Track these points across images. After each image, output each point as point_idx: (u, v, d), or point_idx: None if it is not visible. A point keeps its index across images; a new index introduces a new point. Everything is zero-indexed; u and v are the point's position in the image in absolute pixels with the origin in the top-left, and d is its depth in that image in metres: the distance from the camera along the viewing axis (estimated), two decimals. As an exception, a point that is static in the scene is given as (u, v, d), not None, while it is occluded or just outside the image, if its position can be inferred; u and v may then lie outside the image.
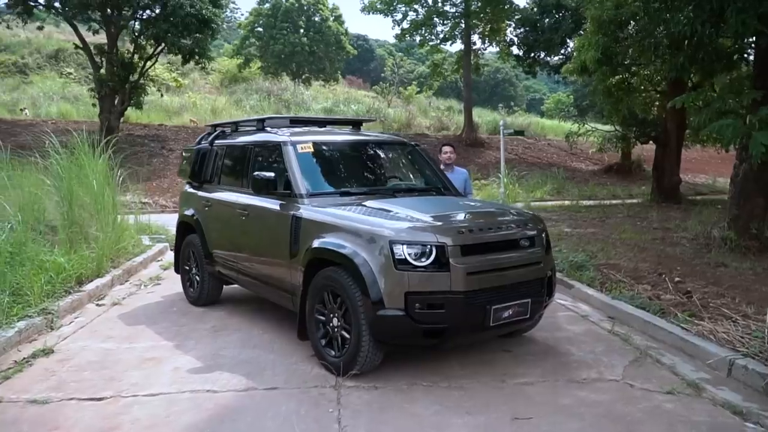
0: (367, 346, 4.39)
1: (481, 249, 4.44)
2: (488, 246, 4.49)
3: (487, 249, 4.48)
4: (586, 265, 8.22)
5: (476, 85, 55.21)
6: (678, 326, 5.55)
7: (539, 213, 14.55)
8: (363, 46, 57.33)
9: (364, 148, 6.03)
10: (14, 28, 24.60)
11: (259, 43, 41.10)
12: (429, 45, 29.83)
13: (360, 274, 4.31)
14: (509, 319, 4.52)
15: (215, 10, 22.33)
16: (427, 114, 36.68)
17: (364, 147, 6.04)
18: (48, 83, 33.78)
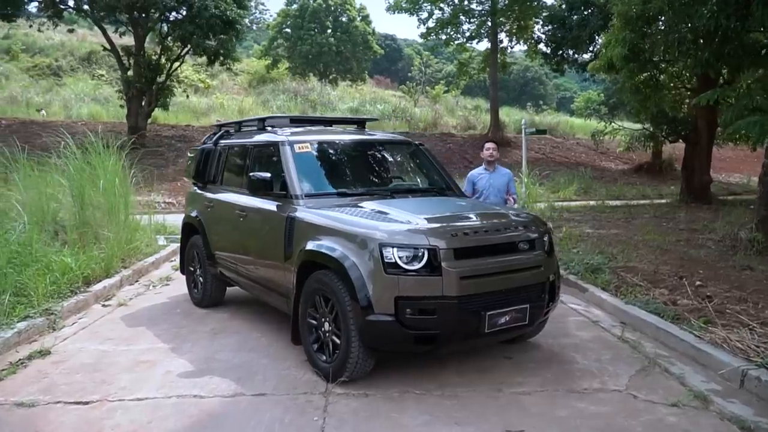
0: (356, 352, 4.26)
1: (475, 252, 4.27)
2: (483, 249, 4.31)
3: (482, 252, 4.30)
4: (603, 267, 7.95)
5: (505, 84, 54.67)
6: (691, 333, 5.28)
7: (562, 213, 14.52)
8: (391, 46, 57.18)
9: (365, 147, 5.89)
10: (45, 30, 25.00)
11: (286, 44, 41.29)
12: (455, 44, 29.52)
13: (349, 277, 4.18)
14: (506, 326, 4.34)
15: (240, 11, 22.45)
16: (454, 113, 36.39)
17: (365, 147, 5.89)
18: (80, 85, 34.46)
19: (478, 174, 7.13)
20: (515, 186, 7.32)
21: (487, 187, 6.93)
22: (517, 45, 30.10)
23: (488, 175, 7.06)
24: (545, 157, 28.21)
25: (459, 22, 28.50)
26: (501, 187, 6.98)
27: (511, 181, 7.15)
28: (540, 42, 28.00)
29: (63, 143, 9.30)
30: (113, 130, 25.60)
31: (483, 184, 6.97)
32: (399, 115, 32.49)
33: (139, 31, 23.08)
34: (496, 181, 6.99)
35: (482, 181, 7.02)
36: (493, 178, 7.02)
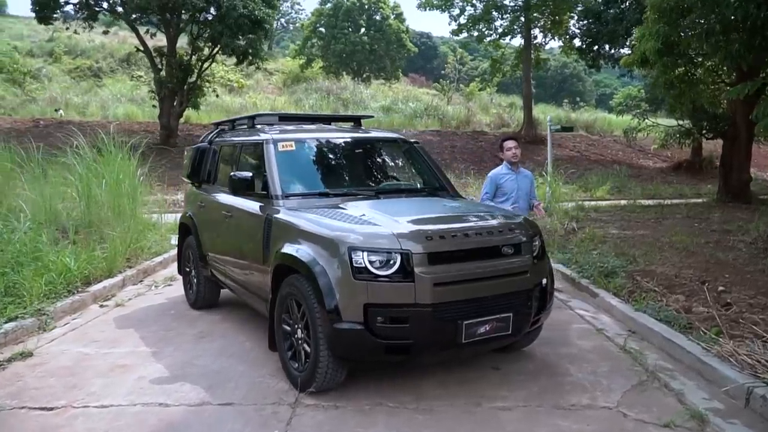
0: (325, 361, 4.04)
1: (452, 257, 4.00)
2: (461, 254, 4.04)
3: (459, 257, 4.03)
4: (618, 271, 7.54)
5: (542, 81, 53.69)
6: (698, 345, 4.90)
7: (589, 213, 14.01)
8: (426, 44, 56.78)
9: (354, 146, 5.66)
10: (81, 32, 25.53)
11: (320, 43, 41.36)
12: (487, 40, 29.01)
13: (317, 282, 3.97)
14: (486, 336, 4.05)
15: (268, 11, 22.46)
16: (487, 111, 35.87)
17: (354, 145, 5.67)
18: (118, 86, 35.17)
19: (504, 175, 6.32)
20: (535, 190, 6.71)
21: (515, 189, 6.26)
22: (551, 41, 29.43)
23: (514, 176, 6.30)
24: (579, 155, 27.52)
25: (491, 18, 27.98)
26: (527, 190, 6.35)
27: (533, 184, 6.54)
28: (575, 37, 27.33)
29: (75, 143, 9.40)
30: (147, 130, 26.06)
31: (511, 186, 6.26)
32: (431, 113, 32.16)
33: (170, 31, 23.35)
34: (523, 184, 6.32)
35: (510, 183, 6.28)
36: (520, 180, 6.32)
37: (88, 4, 23.22)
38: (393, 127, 28.98)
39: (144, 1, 20.94)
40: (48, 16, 23.25)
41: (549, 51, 44.20)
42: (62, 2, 23.39)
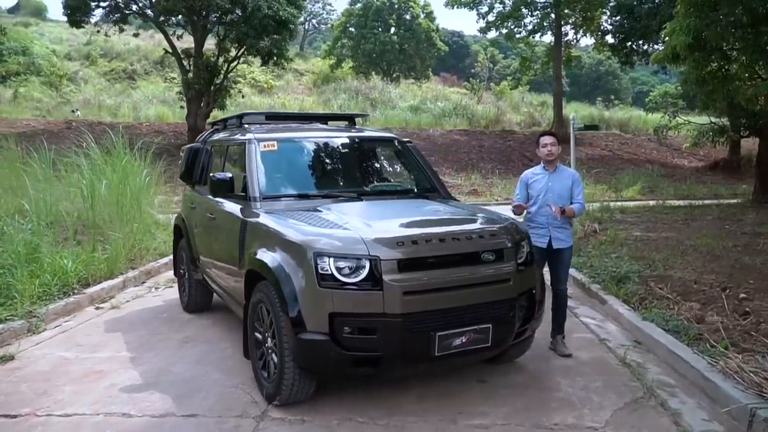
0: (291, 373, 3.83)
1: (425, 264, 3.75)
2: (435, 260, 3.78)
3: (433, 264, 3.77)
4: (631, 276, 7.16)
5: (576, 79, 52.64)
6: (704, 359, 4.54)
7: (614, 214, 13.51)
8: (458, 43, 56.20)
9: (342, 146, 5.44)
10: (112, 35, 25.93)
11: (350, 43, 41.28)
12: (517, 38, 28.47)
13: (281, 290, 3.76)
14: (463, 348, 3.79)
15: (293, 11, 22.41)
16: (518, 110, 35.28)
17: (342, 145, 5.44)
18: (151, 88, 35.71)
19: (534, 175, 5.33)
20: (581, 191, 5.30)
21: (543, 191, 5.14)
22: (583, 38, 28.74)
23: (547, 175, 5.22)
24: (611, 154, 26.81)
25: (520, 15, 27.44)
26: (563, 191, 5.16)
27: (577, 184, 5.28)
28: (607, 34, 26.59)
29: (84, 144, 9.41)
30: (176, 131, 26.36)
31: (539, 188, 5.18)
32: (460, 113, 31.76)
33: (197, 33, 23.52)
34: (558, 185, 5.18)
35: (538, 183, 5.21)
36: (554, 180, 5.21)
37: (118, 7, 23.54)
38: (420, 127, 28.74)
39: (170, 3, 21.11)
40: (79, 20, 23.66)
41: (583, 48, 43.37)
42: (93, 6, 23.79)
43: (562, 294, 5.25)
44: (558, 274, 5.22)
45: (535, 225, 5.16)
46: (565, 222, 5.21)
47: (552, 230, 5.11)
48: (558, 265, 5.20)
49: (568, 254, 5.25)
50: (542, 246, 5.06)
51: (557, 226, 5.14)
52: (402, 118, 29.66)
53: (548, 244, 5.10)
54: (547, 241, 5.10)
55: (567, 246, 5.21)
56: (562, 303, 5.25)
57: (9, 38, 34.53)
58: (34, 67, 35.61)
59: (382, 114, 30.70)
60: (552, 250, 5.11)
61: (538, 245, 4.97)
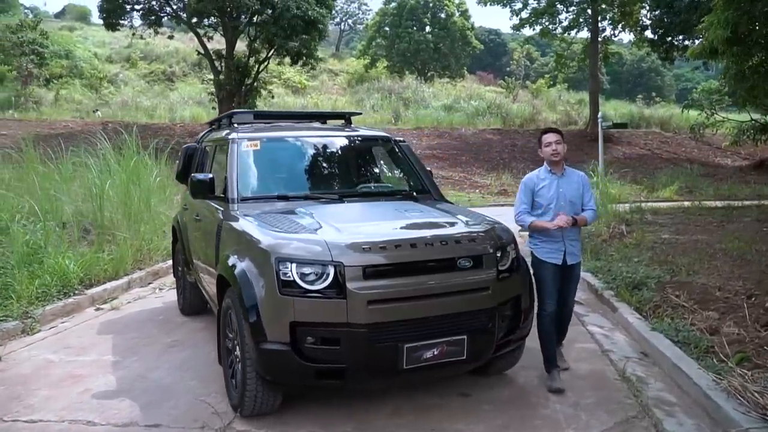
0: (254, 384, 3.65)
1: (392, 271, 3.53)
2: (405, 267, 3.56)
3: (403, 271, 3.55)
4: (648, 282, 6.77)
5: (617, 76, 51.37)
6: (709, 375, 4.18)
7: (645, 216, 12.97)
8: (495, 41, 55.48)
9: (329, 146, 5.23)
10: (147, 38, 26.37)
11: (384, 43, 41.15)
12: (551, 34, 27.85)
13: (242, 297, 3.59)
14: (435, 361, 3.55)
15: (322, 11, 22.36)
16: (554, 108, 34.57)
17: (329, 145, 5.23)
18: (188, 89, 36.24)
19: (539, 179, 4.48)
20: (592, 195, 4.62)
21: (554, 198, 4.40)
22: (621, 33, 27.91)
23: (555, 180, 4.43)
24: (650, 153, 25.96)
25: (555, 11, 26.81)
26: (575, 197, 4.45)
27: (587, 188, 4.56)
28: (646, 29, 25.78)
29: (99, 145, 9.46)
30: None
31: (549, 195, 4.41)
32: (494, 112, 31.27)
33: (228, 34, 23.71)
34: (569, 190, 4.44)
35: (547, 190, 4.42)
36: (565, 185, 4.44)
37: (152, 9, 23.92)
38: (452, 126, 28.39)
39: (200, 5, 21.30)
40: (114, 23, 24.12)
41: (624, 44, 42.26)
42: (128, 9, 24.22)
43: (568, 310, 4.72)
44: (567, 292, 4.59)
45: (547, 238, 4.41)
46: (577, 233, 4.58)
47: (567, 243, 4.41)
48: (569, 282, 4.57)
49: (578, 270, 4.65)
50: (557, 263, 4.39)
51: (572, 239, 4.46)
52: (434, 117, 29.35)
53: (563, 260, 4.41)
54: (561, 257, 4.39)
55: (579, 261, 4.61)
56: (567, 317, 4.76)
57: (53, 42, 35.54)
58: (76, 70, 36.55)
59: (414, 113, 30.46)
60: (565, 267, 4.44)
61: (551, 262, 4.39)
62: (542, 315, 4.39)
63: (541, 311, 4.39)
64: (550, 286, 4.39)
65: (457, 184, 22.01)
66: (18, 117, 26.43)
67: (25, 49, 29.23)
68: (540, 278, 4.42)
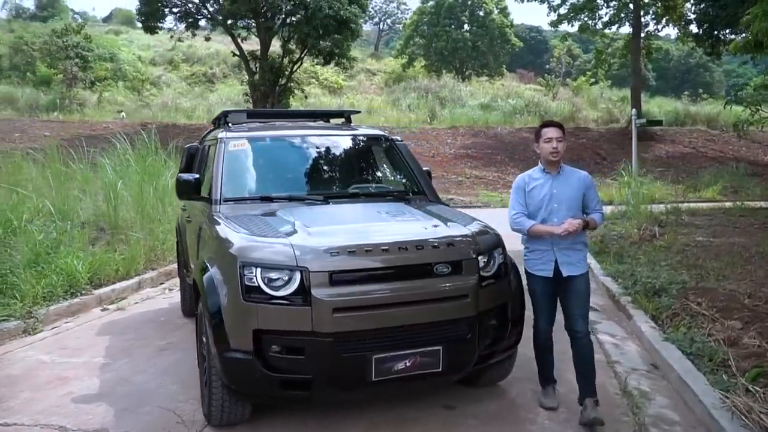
0: (219, 394, 3.51)
1: (362, 277, 3.33)
2: (375, 273, 3.36)
3: (372, 277, 3.35)
4: (670, 288, 6.38)
5: (663, 72, 49.80)
6: (716, 392, 3.85)
7: (684, 216, 12.40)
8: (536, 38, 54.48)
9: (320, 145, 5.04)
10: (186, 40, 26.78)
11: (422, 42, 40.87)
12: (590, 30, 27.10)
13: (206, 302, 3.46)
14: (407, 373, 3.33)
15: (354, 10, 22.28)
16: (596, 106, 33.72)
17: (321, 144, 5.05)
18: (227, 90, 36.74)
19: (531, 179, 3.98)
20: (598, 198, 4.03)
21: (546, 200, 3.85)
22: (664, 28, 26.97)
23: (549, 180, 3.90)
24: (695, 151, 25.03)
25: (595, 6, 26.08)
26: (572, 200, 3.85)
27: (591, 189, 3.96)
28: (691, 23, 24.86)
29: (119, 145, 9.54)
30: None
31: (540, 196, 3.87)
32: (532, 110, 30.68)
33: (262, 35, 23.87)
34: (565, 191, 3.86)
35: (539, 190, 3.89)
36: (559, 185, 3.87)
37: (188, 12, 24.27)
38: (488, 125, 27.94)
39: (234, 7, 21.49)
40: (153, 26, 24.56)
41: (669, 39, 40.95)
42: (165, 12, 24.64)
43: (581, 338, 3.84)
44: (571, 311, 3.85)
45: (534, 247, 3.86)
46: (577, 240, 3.84)
47: (557, 252, 3.79)
48: (570, 298, 3.83)
49: (583, 283, 3.84)
50: (546, 275, 3.82)
51: (565, 247, 3.80)
52: (470, 116, 28.96)
53: (555, 272, 3.81)
54: (552, 268, 3.80)
55: (581, 272, 3.83)
56: (583, 352, 3.84)
57: (98, 45, 36.57)
58: (120, 73, 37.51)
59: (450, 112, 30.13)
60: (561, 279, 3.82)
61: (540, 275, 3.85)
62: (535, 330, 4.03)
63: (535, 326, 4.04)
64: (542, 302, 3.90)
65: (491, 183, 21.65)
66: (62, 118, 27.20)
67: (69, 53, 30.11)
68: (530, 293, 3.97)
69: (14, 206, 8.10)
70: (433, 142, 25.52)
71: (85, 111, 29.42)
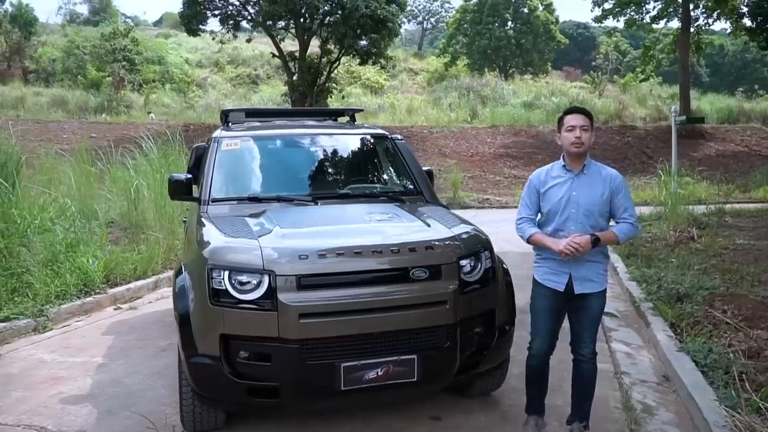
0: (190, 400, 3.43)
1: (332, 282, 3.19)
2: (345, 277, 3.20)
3: (343, 282, 3.20)
4: (695, 294, 6.02)
5: (718, 68, 47.96)
6: (721, 409, 3.55)
7: (728, 217, 11.79)
8: (583, 35, 53.19)
9: (316, 144, 4.92)
10: (226, 42, 27.11)
11: (465, 40, 40.42)
12: (637, 25, 26.23)
13: (176, 305, 3.38)
14: (379, 383, 3.17)
15: (392, 9, 22.12)
16: (644, 103, 32.65)
17: (317, 143, 4.92)
18: (269, 91, 37.11)
19: (549, 176, 3.46)
20: (631, 204, 3.42)
21: (563, 203, 3.35)
22: (715, 22, 25.87)
23: (570, 180, 3.38)
24: (747, 150, 23.92)
25: (642, 0, 25.21)
26: (594, 205, 3.32)
27: (620, 192, 3.37)
28: (744, 16, 23.76)
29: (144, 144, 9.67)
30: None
31: (557, 199, 3.37)
32: (576, 108, 29.88)
33: (301, 36, 23.98)
34: (586, 194, 3.33)
35: (556, 191, 3.39)
36: (580, 187, 3.35)
37: (229, 15, 24.58)
38: (530, 124, 27.34)
39: (272, 8, 21.63)
40: (195, 28, 24.96)
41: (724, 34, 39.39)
42: (208, 15, 25.01)
43: (585, 362, 3.45)
44: (581, 331, 3.43)
45: (547, 255, 3.39)
46: (597, 252, 3.35)
47: (573, 265, 3.32)
48: (582, 319, 3.41)
49: (598, 303, 3.39)
50: (558, 288, 3.35)
51: (584, 259, 3.32)
52: (511, 115, 28.40)
53: (567, 286, 3.35)
54: (565, 282, 3.34)
55: (598, 290, 3.37)
56: (586, 377, 3.48)
57: (146, 48, 37.50)
58: (167, 75, 38.35)
59: (491, 111, 29.65)
60: (572, 296, 3.36)
61: (549, 286, 3.38)
62: (529, 352, 3.52)
63: (530, 347, 3.51)
64: (544, 320, 3.40)
65: (529, 183, 21.15)
66: (109, 120, 27.94)
67: (117, 56, 30.93)
68: (532, 305, 3.50)
69: (42, 206, 8.28)
70: (473, 142, 25.13)
71: (131, 113, 30.13)
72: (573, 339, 3.48)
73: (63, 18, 54.68)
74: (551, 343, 3.44)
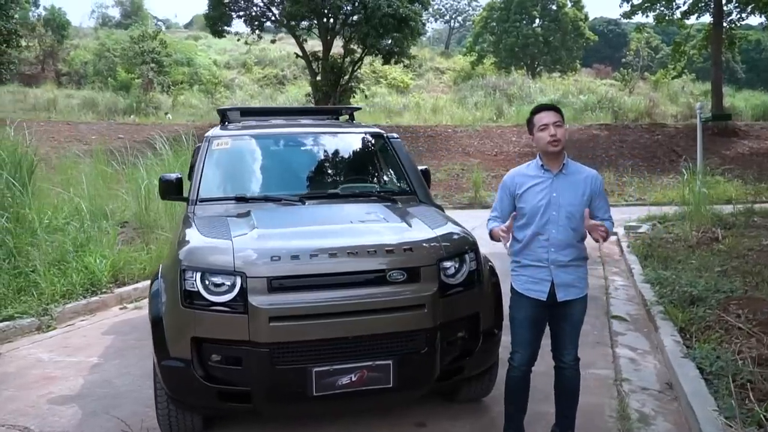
0: (164, 403, 3.36)
1: (305, 284, 3.09)
2: (319, 280, 3.11)
3: (316, 284, 3.10)
4: (709, 297, 5.77)
5: (754, 64, 46.53)
6: (719, 420, 3.35)
7: (755, 218, 11.38)
8: (614, 32, 52.20)
9: (309, 143, 4.82)
10: (251, 43, 27.27)
11: (492, 39, 40.01)
12: (667, 21, 25.57)
13: (150, 307, 3.32)
14: (353, 388, 3.06)
15: (414, 8, 21.98)
16: (675, 101, 31.91)
17: (309, 142, 4.83)
18: (294, 91, 37.30)
19: (526, 177, 3.26)
20: (607, 206, 3.29)
21: (543, 206, 3.15)
22: (750, 16, 25.10)
23: (549, 180, 3.20)
24: (781, 148, 23.13)
25: (673, -6, 24.59)
26: (575, 206, 3.15)
27: (599, 198, 3.23)
28: (779, 9, 23.00)
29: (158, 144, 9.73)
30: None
31: (536, 201, 3.17)
32: (604, 106, 29.35)
33: (324, 36, 24.00)
34: (566, 195, 3.16)
35: (534, 193, 3.19)
36: (560, 188, 3.17)
37: (253, 16, 24.74)
38: (556, 123, 26.90)
39: (294, 8, 21.68)
40: (220, 30, 25.18)
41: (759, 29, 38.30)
42: (233, 16, 25.21)
43: (568, 369, 3.29)
44: (563, 339, 3.27)
45: (527, 262, 3.19)
46: (577, 255, 3.20)
47: (555, 270, 3.14)
48: (565, 326, 3.24)
49: (580, 309, 3.23)
50: (540, 297, 3.16)
51: (563, 264, 3.15)
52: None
53: (549, 294, 3.16)
54: (547, 290, 3.15)
55: (580, 296, 3.21)
56: (569, 384, 3.31)
57: (175, 50, 37.99)
58: (196, 77, 38.81)
59: (517, 110, 29.28)
60: (555, 304, 3.17)
61: (530, 296, 3.18)
62: (510, 365, 3.31)
63: (510, 359, 3.30)
64: (524, 332, 3.22)
65: (553, 183, 20.80)
66: (137, 121, 28.37)
67: (146, 58, 31.38)
68: (511, 318, 3.29)
69: (56, 206, 8.39)
70: (497, 140, 24.84)
71: (159, 114, 30.55)
72: (554, 346, 3.32)
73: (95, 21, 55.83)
74: (533, 354, 3.28)
